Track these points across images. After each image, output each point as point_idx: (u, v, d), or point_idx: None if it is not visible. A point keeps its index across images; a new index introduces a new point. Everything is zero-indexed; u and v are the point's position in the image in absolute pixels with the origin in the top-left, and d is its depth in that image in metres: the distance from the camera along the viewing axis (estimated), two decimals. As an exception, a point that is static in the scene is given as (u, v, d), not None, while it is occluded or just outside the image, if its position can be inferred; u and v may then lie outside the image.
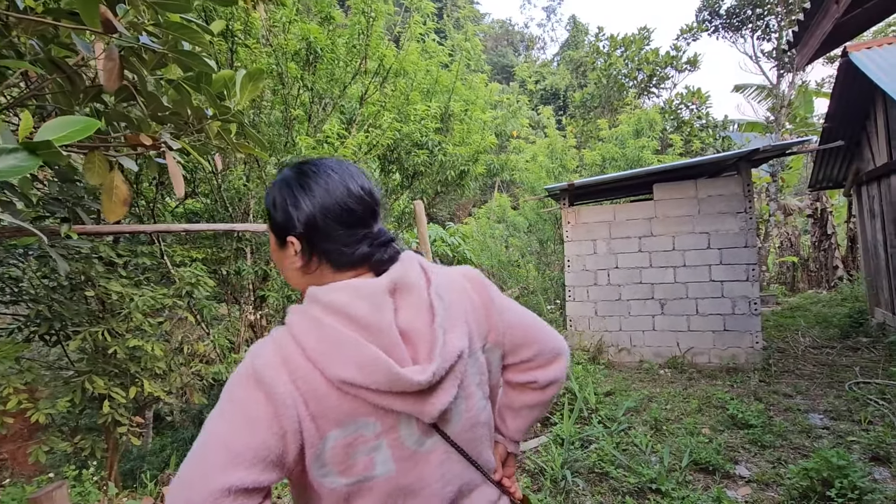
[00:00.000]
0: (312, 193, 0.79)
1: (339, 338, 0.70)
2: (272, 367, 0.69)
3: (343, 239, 0.79)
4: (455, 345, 0.76)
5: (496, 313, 0.87)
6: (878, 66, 4.87)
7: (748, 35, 11.57)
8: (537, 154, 9.67)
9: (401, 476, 0.74)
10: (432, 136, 5.42)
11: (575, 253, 6.11)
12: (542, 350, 0.90)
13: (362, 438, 0.72)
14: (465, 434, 0.81)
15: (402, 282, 0.77)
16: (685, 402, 4.29)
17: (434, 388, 0.73)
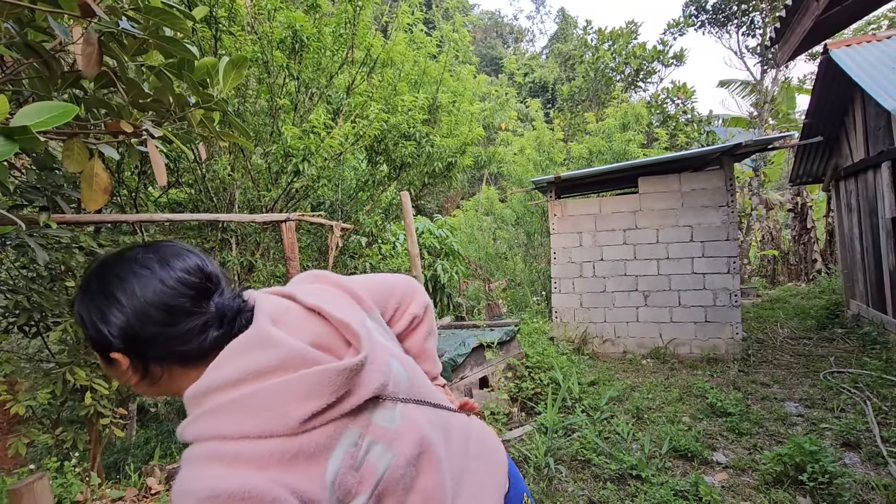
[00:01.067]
0: (119, 301, 0.67)
1: (268, 393, 0.63)
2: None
3: (179, 338, 0.68)
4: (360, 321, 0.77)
5: (352, 288, 0.86)
6: (856, 64, 4.97)
7: (733, 31, 11.70)
8: (525, 147, 9.70)
9: (399, 458, 0.70)
10: (420, 127, 5.40)
11: (561, 245, 6.17)
12: (403, 292, 0.97)
13: (353, 451, 0.67)
14: (412, 387, 0.80)
15: (275, 312, 0.73)
16: (666, 392, 4.38)
17: (363, 366, 0.70)
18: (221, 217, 3.55)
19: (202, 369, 0.68)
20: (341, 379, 0.66)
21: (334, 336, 0.74)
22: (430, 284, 9.50)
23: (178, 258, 0.72)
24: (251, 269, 5.04)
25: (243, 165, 4.72)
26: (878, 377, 4.19)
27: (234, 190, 5.00)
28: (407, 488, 0.70)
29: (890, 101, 4.03)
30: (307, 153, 4.07)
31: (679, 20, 11.95)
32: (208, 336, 0.70)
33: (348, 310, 0.78)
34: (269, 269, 5.24)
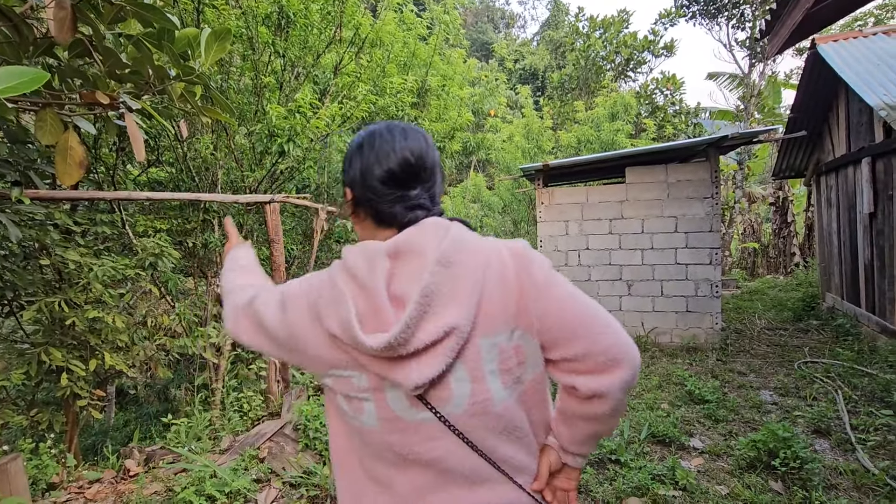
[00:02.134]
0: (363, 155, 0.83)
1: (337, 295, 0.76)
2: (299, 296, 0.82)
3: (382, 198, 0.82)
4: (446, 317, 0.71)
5: (532, 296, 0.76)
6: (842, 59, 5.02)
7: (723, 23, 11.73)
8: (514, 134, 9.67)
9: (385, 434, 0.77)
10: (408, 110, 5.33)
11: (548, 234, 6.19)
12: (590, 351, 0.74)
13: (355, 387, 0.77)
14: (470, 420, 0.75)
15: (405, 247, 0.77)
16: (647, 379, 4.47)
17: (410, 358, 0.72)
18: (203, 197, 3.47)
19: (378, 234, 0.84)
20: (355, 342, 0.73)
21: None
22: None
23: (413, 142, 0.84)
24: (234, 252, 4.96)
25: (226, 145, 4.61)
26: (849, 367, 4.33)
27: (216, 170, 4.89)
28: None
29: (873, 96, 4.10)
30: (292, 133, 3.99)
31: (671, 10, 11.94)
32: (394, 208, 0.81)
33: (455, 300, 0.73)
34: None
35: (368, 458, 0.81)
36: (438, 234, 0.77)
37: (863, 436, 3.12)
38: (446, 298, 0.72)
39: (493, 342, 0.75)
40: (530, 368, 0.78)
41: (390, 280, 0.76)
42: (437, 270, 0.73)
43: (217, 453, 3.13)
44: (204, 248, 4.88)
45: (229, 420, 3.35)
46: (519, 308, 0.76)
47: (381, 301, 0.74)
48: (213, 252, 4.95)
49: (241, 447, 3.08)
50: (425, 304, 0.72)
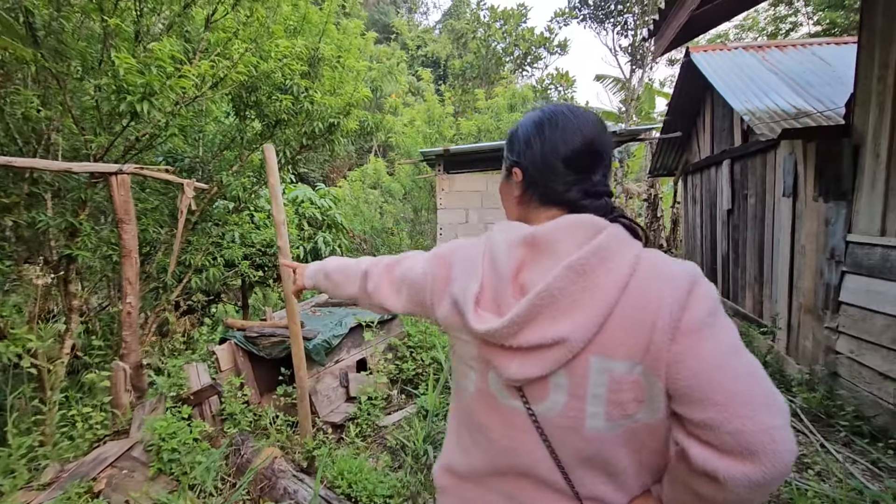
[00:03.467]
0: (544, 136, 0.80)
1: (471, 268, 0.78)
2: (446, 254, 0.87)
3: (557, 179, 0.79)
4: (558, 327, 0.67)
5: (667, 332, 0.64)
6: (712, 68, 5.51)
7: (610, 28, 12.63)
8: (415, 118, 9.40)
9: (477, 403, 0.80)
10: (298, 80, 4.78)
11: (448, 221, 6.05)
12: (727, 422, 0.58)
13: (467, 353, 0.80)
14: (557, 432, 0.71)
15: (542, 240, 0.73)
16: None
17: (515, 351, 0.71)
18: (17, 162, 2.69)
19: (541, 212, 0.81)
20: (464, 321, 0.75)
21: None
22: (309, 257, 8.85)
23: (593, 129, 0.79)
24: (74, 233, 4.05)
25: (61, 101, 3.70)
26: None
27: (49, 131, 3.93)
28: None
29: (738, 103, 4.52)
30: (148, 92, 3.29)
31: (564, 10, 12.55)
32: (570, 193, 0.78)
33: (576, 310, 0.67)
34: (99, 236, 4.28)
35: (458, 416, 0.88)
36: (581, 235, 0.71)
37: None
38: (566, 307, 0.67)
39: (606, 366, 0.67)
40: (648, 411, 0.68)
41: (520, 269, 0.74)
42: (564, 275, 0.68)
43: (35, 489, 2.46)
44: (31, 227, 3.91)
45: (55, 445, 2.67)
46: (651, 344, 0.65)
47: (504, 287, 0.74)
48: (44, 233, 3.99)
49: (71, 478, 2.46)
50: (539, 307, 0.68)
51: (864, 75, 3.27)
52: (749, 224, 5.50)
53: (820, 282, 3.73)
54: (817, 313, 3.79)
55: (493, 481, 0.79)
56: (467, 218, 5.98)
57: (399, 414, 3.37)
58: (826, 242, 3.64)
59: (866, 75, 3.26)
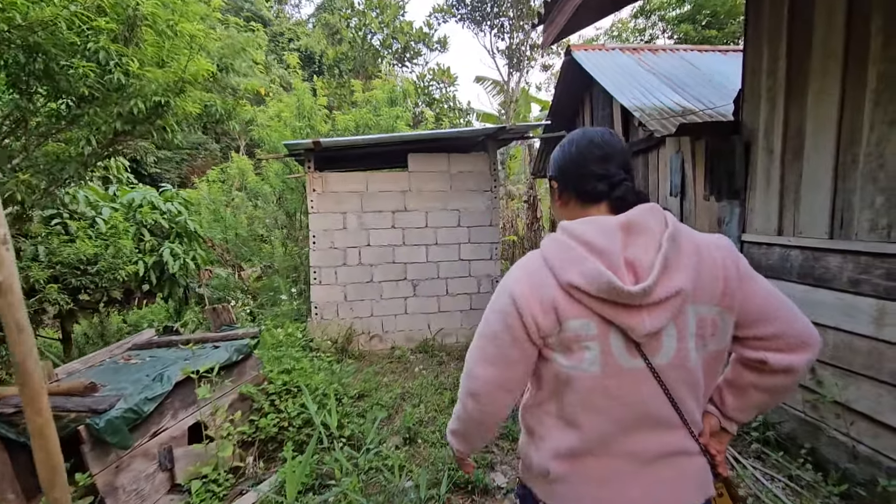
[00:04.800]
0: (569, 152, 1.04)
1: (573, 255, 0.91)
2: (516, 280, 0.95)
3: (584, 181, 1.00)
4: (675, 281, 0.86)
5: (735, 280, 0.92)
6: (595, 66, 5.41)
7: (487, 30, 12.68)
8: (283, 111, 8.22)
9: (604, 378, 0.90)
10: (106, 43, 3.53)
11: (322, 227, 5.14)
12: (784, 332, 0.92)
13: (581, 336, 0.90)
14: (671, 372, 0.90)
15: (635, 222, 0.91)
16: (439, 396, 3.90)
17: (644, 308, 0.86)
18: None
19: (584, 211, 1.01)
20: (609, 288, 0.86)
21: (646, 266, 0.89)
22: (152, 273, 7.19)
23: (605, 135, 1.02)
24: None
25: None
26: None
27: None
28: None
29: (627, 100, 4.39)
30: None
31: (443, 6, 12.25)
32: (598, 186, 0.99)
33: (682, 268, 0.88)
34: None
35: (572, 403, 0.93)
36: (658, 216, 0.93)
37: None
38: (675, 268, 0.88)
39: (697, 311, 0.90)
40: (718, 341, 0.93)
41: (625, 248, 0.90)
42: (669, 244, 0.88)
43: None
44: None
45: None
46: (724, 290, 0.91)
47: (620, 263, 0.88)
48: None
49: None
50: (664, 267, 0.87)
51: (753, 71, 3.19)
52: (633, 224, 5.52)
53: (714, 283, 3.65)
54: (712, 315, 3.72)
55: (617, 443, 0.92)
56: (345, 223, 5.15)
57: (250, 497, 2.44)
58: (719, 242, 3.55)
59: (754, 71, 3.18)
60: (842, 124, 2.51)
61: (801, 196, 2.78)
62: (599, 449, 0.93)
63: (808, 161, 2.73)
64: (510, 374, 0.96)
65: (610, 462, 0.93)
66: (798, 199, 2.82)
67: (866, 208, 2.37)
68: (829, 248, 2.58)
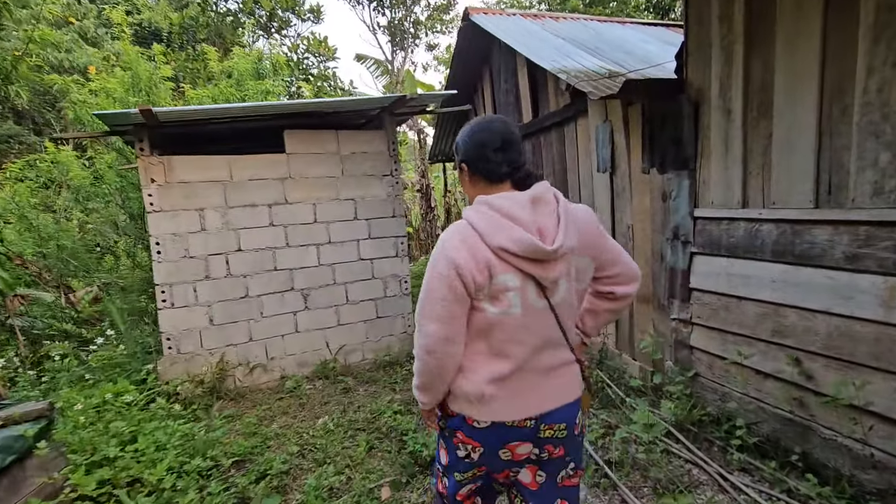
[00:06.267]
0: (475, 140, 1.29)
1: (498, 224, 1.16)
2: (454, 250, 1.17)
3: (491, 165, 1.26)
4: (569, 241, 1.19)
5: (600, 238, 1.30)
6: (499, 29, 4.79)
7: (366, 2, 11.55)
8: (112, 86, 6.36)
9: (523, 317, 1.20)
10: None
11: (169, 231, 3.81)
12: (624, 272, 1.34)
13: (508, 287, 1.18)
14: (561, 307, 1.25)
15: (539, 197, 1.21)
16: (351, 441, 2.97)
17: (552, 262, 1.18)
18: None
19: (491, 188, 1.27)
20: (534, 249, 1.14)
21: (551, 231, 1.19)
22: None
23: (503, 123, 1.28)
24: None
25: None
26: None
27: None
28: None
29: (544, 62, 3.80)
30: None
31: (313, -27, 10.81)
32: (502, 168, 1.25)
33: (571, 231, 1.20)
34: None
35: (500, 339, 1.21)
36: (551, 192, 1.24)
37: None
38: (569, 230, 1.19)
39: (576, 261, 1.25)
40: (584, 280, 1.32)
41: (534, 217, 1.18)
42: (564, 213, 1.21)
43: None
44: None
45: None
46: (591, 245, 1.28)
47: (534, 229, 1.16)
48: None
49: None
50: (564, 231, 1.18)
51: (699, 19, 2.74)
52: (549, 206, 5.05)
53: (660, 266, 3.23)
54: (658, 302, 3.30)
55: (530, 363, 1.23)
56: (203, 223, 3.88)
57: None
58: (666, 220, 3.12)
59: (701, 19, 2.73)
60: (825, 71, 2.10)
61: (773, 161, 2.38)
62: (520, 370, 1.23)
63: (781, 119, 2.32)
64: (455, 327, 1.20)
65: (526, 376, 1.25)
66: (768, 164, 2.41)
67: (867, 168, 1.98)
68: (815, 219, 2.19)
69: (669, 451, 2.63)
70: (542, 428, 1.24)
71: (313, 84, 8.64)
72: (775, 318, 2.43)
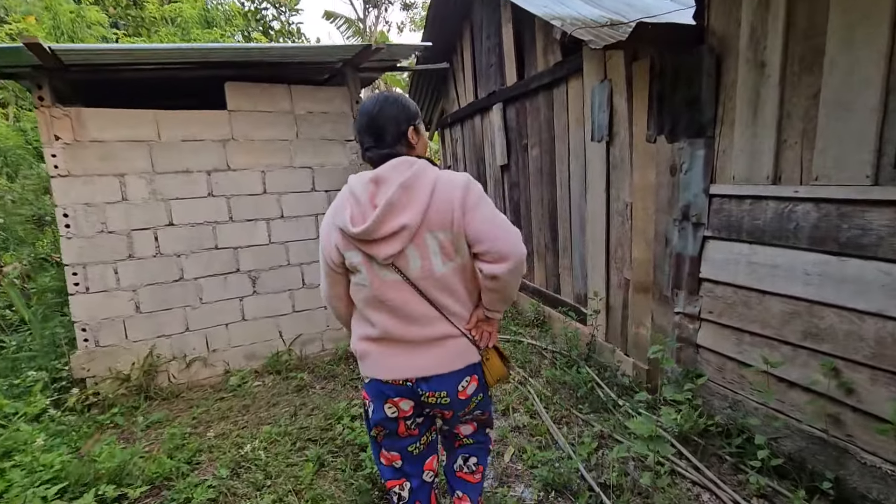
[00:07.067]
0: (357, 117, 1.38)
1: (342, 204, 1.28)
2: (321, 227, 1.38)
3: (361, 142, 1.35)
4: (400, 219, 1.21)
5: (462, 212, 1.23)
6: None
7: (336, -46, 10.53)
8: (34, 31, 5.45)
9: (373, 289, 1.29)
10: None
11: (82, 200, 3.16)
12: (490, 250, 1.25)
13: (354, 262, 1.29)
14: (422, 281, 1.28)
15: (381, 176, 1.25)
16: (299, 455, 2.49)
17: (378, 242, 1.23)
18: None
19: (367, 168, 1.35)
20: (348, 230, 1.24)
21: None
22: None
23: (377, 106, 1.32)
24: None
25: None
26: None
27: None
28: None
29: (536, 8, 3.23)
30: None
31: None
32: (367, 153, 1.34)
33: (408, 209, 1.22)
34: None
35: (363, 306, 1.35)
36: (403, 168, 1.25)
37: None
38: (401, 208, 1.21)
39: (434, 236, 1.25)
40: (461, 255, 1.29)
41: (373, 195, 1.24)
42: (397, 191, 1.21)
43: None
44: None
45: None
46: (454, 219, 1.23)
47: (366, 208, 1.23)
48: None
49: None
50: (387, 211, 1.20)
51: (729, -51, 2.23)
52: (532, 181, 4.55)
53: (663, 252, 2.79)
54: (659, 293, 2.88)
55: (397, 332, 1.31)
56: (125, 191, 3.24)
57: None
58: (673, 198, 2.66)
59: (731, -51, 2.21)
60: (902, 8, 1.64)
61: (819, 126, 1.92)
62: (385, 336, 1.32)
63: (833, 73, 1.85)
64: (336, 289, 1.41)
65: (396, 344, 1.33)
66: (811, 130, 1.95)
67: (956, 135, 1.54)
68: (873, 198, 1.75)
69: (675, 470, 2.24)
70: (424, 393, 1.34)
71: (274, 39, 7.77)
72: (808, 318, 2.02)
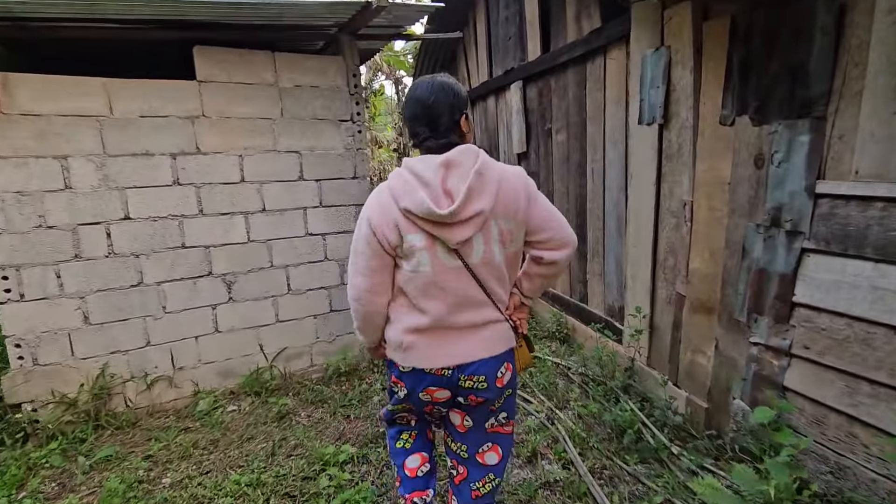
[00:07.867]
0: (406, 100, 1.35)
1: (408, 187, 1.23)
2: (371, 209, 1.29)
3: (415, 130, 1.32)
4: (477, 205, 1.22)
5: (526, 202, 1.29)
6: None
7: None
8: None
9: (434, 275, 1.27)
10: None
11: (12, 188, 2.58)
12: (553, 237, 1.34)
13: (416, 246, 1.25)
14: (480, 267, 1.29)
15: (452, 160, 1.24)
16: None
17: (455, 225, 1.22)
18: None
19: (417, 152, 1.34)
20: (428, 212, 1.20)
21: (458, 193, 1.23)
22: None
23: (431, 91, 1.29)
24: None
25: None
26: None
27: None
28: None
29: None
30: None
31: None
32: (422, 137, 1.31)
33: (483, 195, 1.23)
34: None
35: (417, 293, 1.30)
36: (470, 155, 1.26)
37: None
38: (479, 193, 1.22)
39: (498, 224, 1.27)
40: (515, 244, 1.34)
41: (444, 180, 1.23)
42: (475, 177, 1.22)
43: None
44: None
45: None
46: (518, 208, 1.28)
47: (440, 192, 1.22)
48: None
49: None
50: (469, 195, 1.21)
51: None
52: (557, 171, 3.94)
53: (737, 265, 2.20)
54: (728, 316, 2.29)
55: (448, 319, 1.30)
56: (68, 178, 2.66)
57: None
58: (757, 196, 2.06)
59: None
60: None
61: None
62: (436, 323, 1.31)
63: None
64: (376, 280, 1.32)
65: (444, 331, 1.32)
66: None
67: None
68: None
69: (766, 562, 1.68)
70: (462, 378, 1.34)
71: None
72: (977, 371, 1.44)
